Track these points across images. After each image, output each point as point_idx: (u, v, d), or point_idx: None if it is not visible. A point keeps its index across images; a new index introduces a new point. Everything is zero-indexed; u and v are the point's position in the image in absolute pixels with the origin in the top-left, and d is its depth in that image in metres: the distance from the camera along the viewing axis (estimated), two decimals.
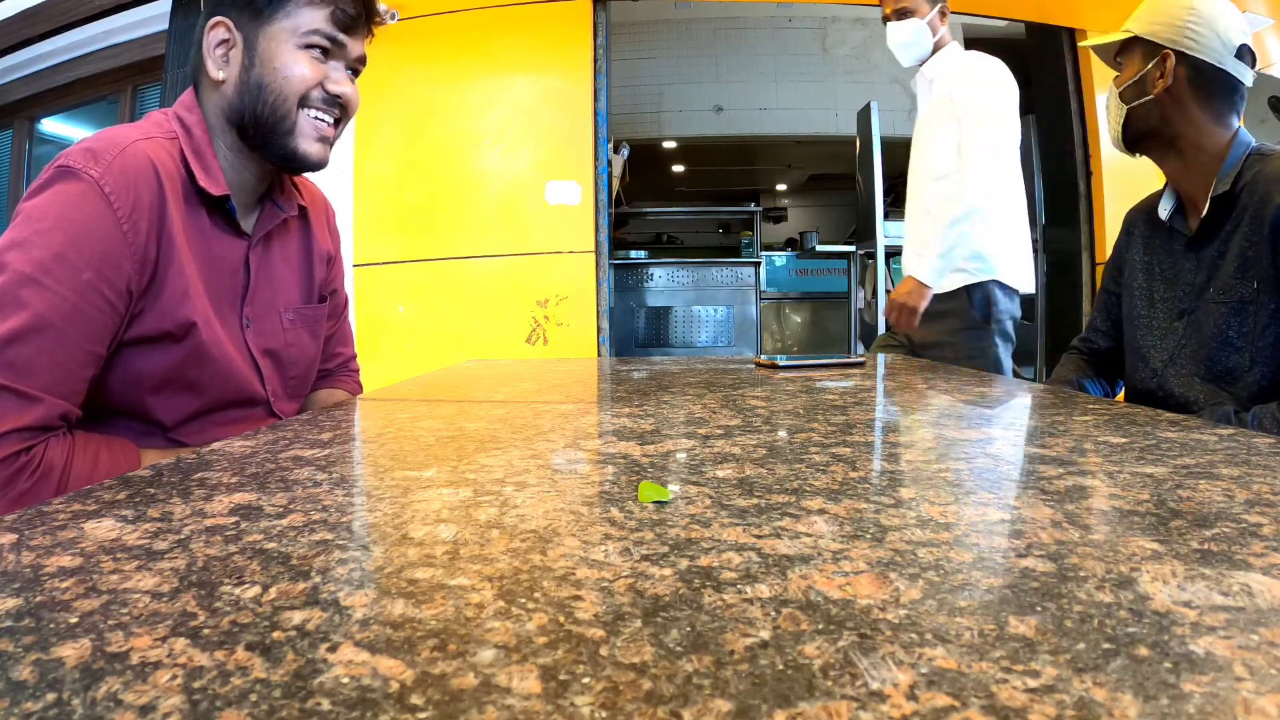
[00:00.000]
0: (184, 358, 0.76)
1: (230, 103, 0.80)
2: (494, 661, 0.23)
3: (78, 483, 0.69)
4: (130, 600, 0.28)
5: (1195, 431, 0.61)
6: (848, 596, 0.28)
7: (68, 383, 0.69)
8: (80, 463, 0.70)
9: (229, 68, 0.80)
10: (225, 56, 0.80)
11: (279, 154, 0.82)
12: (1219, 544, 0.33)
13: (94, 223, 0.69)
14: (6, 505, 0.66)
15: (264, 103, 0.79)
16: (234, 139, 0.82)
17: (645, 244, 7.08)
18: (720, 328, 4.02)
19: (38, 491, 0.67)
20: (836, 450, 0.56)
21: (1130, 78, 1.07)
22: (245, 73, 0.80)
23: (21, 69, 3.72)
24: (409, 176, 3.10)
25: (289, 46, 0.79)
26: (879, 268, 3.26)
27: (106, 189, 0.70)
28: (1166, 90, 1.04)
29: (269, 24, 0.79)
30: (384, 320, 3.11)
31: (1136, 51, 1.07)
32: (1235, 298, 0.98)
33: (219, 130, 0.82)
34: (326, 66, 0.82)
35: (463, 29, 3.06)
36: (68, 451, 0.69)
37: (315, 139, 0.83)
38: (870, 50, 6.41)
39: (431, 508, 0.41)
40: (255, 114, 0.80)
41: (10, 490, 0.65)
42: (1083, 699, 0.20)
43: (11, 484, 0.65)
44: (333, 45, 0.82)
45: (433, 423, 0.72)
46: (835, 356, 1.30)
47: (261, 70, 0.79)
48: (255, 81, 0.79)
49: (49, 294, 0.66)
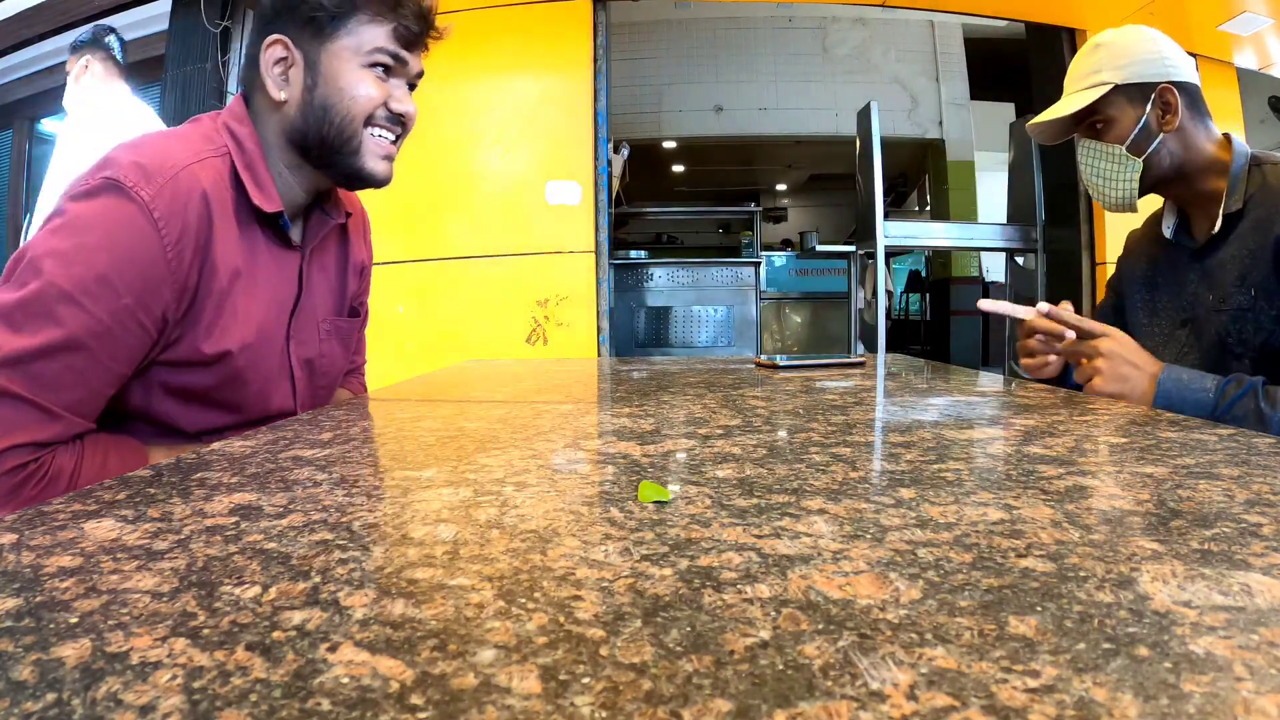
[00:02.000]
0: (219, 381, 0.76)
1: (293, 123, 0.79)
2: (494, 661, 0.23)
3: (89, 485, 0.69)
4: (130, 600, 0.28)
5: (1195, 431, 0.61)
6: (848, 596, 0.28)
7: (90, 403, 0.68)
8: (89, 466, 0.69)
9: (290, 87, 0.79)
10: (285, 76, 0.79)
11: (345, 173, 0.81)
12: (1219, 544, 0.33)
13: (139, 247, 0.68)
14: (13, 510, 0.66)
15: (330, 124, 0.78)
16: (294, 157, 0.81)
17: (645, 244, 7.09)
18: (720, 328, 4.02)
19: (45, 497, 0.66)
20: (836, 450, 0.56)
21: (1131, 128, 1.02)
22: (308, 93, 0.78)
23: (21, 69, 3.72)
24: (409, 176, 3.09)
25: (353, 65, 0.78)
26: (879, 268, 3.26)
27: (156, 214, 0.68)
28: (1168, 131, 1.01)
29: (331, 42, 0.78)
30: (384, 320, 3.11)
31: (1119, 102, 1.02)
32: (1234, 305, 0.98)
33: (277, 147, 0.81)
34: (389, 85, 0.81)
35: (463, 29, 3.04)
36: (76, 457, 0.68)
37: (381, 157, 0.82)
38: (870, 50, 6.42)
39: (431, 508, 0.41)
40: (321, 135, 0.79)
41: (16, 499, 0.65)
42: (1083, 699, 0.20)
43: (16, 493, 0.65)
44: (395, 63, 0.81)
45: (433, 423, 0.72)
46: (835, 356, 1.30)
47: (326, 90, 0.78)
48: (320, 103, 0.78)
49: (85, 315, 0.65)
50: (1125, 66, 1.01)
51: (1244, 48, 3.38)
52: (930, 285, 6.76)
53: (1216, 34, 3.24)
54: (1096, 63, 1.03)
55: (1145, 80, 1.00)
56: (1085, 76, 1.04)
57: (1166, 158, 1.02)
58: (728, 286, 4.04)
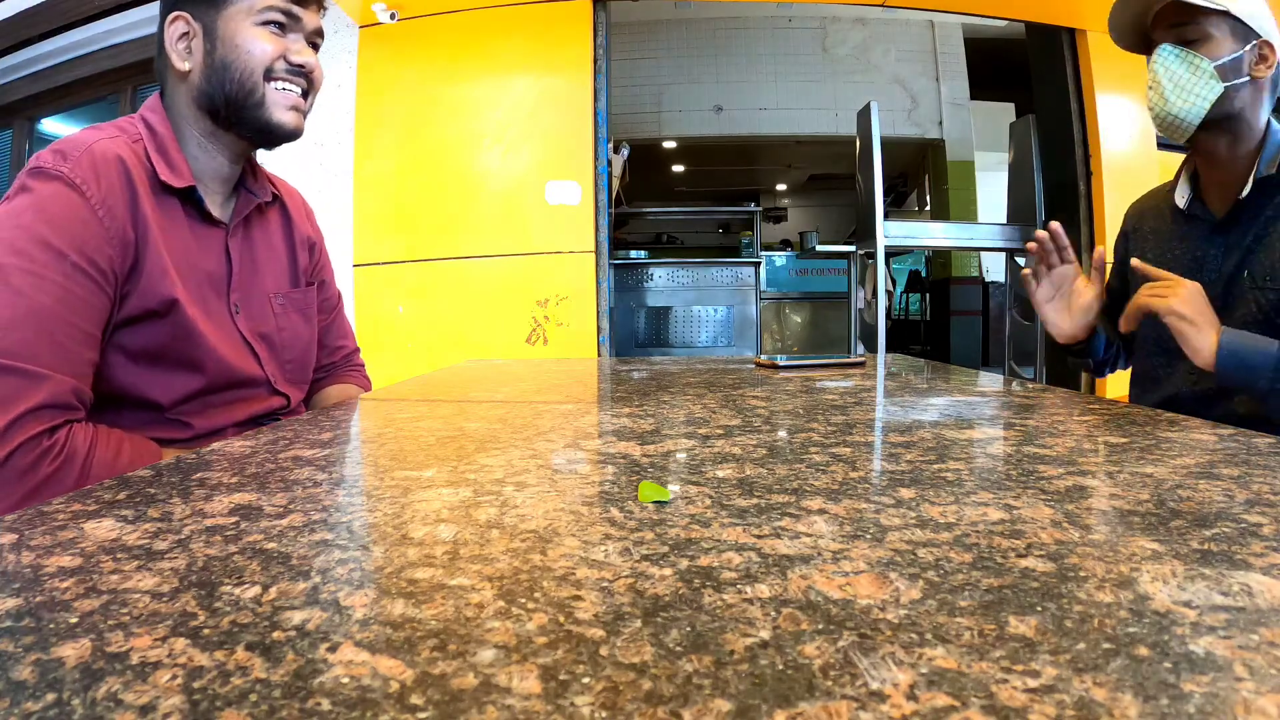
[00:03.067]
0: (173, 335, 0.78)
1: (199, 89, 0.83)
2: (494, 661, 0.23)
3: (100, 471, 0.70)
4: (130, 600, 0.28)
5: (1195, 431, 0.61)
6: (848, 596, 0.28)
7: (69, 361, 0.70)
8: (103, 451, 0.71)
9: (193, 57, 0.83)
10: (188, 48, 0.83)
11: (255, 128, 0.85)
12: (1219, 544, 0.33)
13: (71, 212, 0.72)
14: (31, 491, 0.67)
15: (231, 81, 0.82)
16: (207, 124, 0.85)
17: (645, 244, 7.08)
18: (720, 328, 4.01)
19: (61, 478, 0.68)
20: (836, 450, 0.56)
21: (1225, 54, 0.99)
22: (209, 57, 0.83)
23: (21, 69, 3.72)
24: (409, 176, 3.10)
25: (247, 25, 0.83)
26: (879, 268, 3.26)
27: (77, 180, 0.72)
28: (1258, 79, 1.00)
29: (225, 7, 0.82)
30: (384, 320, 3.11)
31: (1223, 27, 1.00)
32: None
33: (190, 120, 0.85)
34: (286, 40, 0.85)
35: (463, 29, 3.06)
36: (91, 439, 0.70)
37: (287, 108, 0.86)
38: (870, 50, 6.42)
39: (431, 508, 0.41)
40: (225, 94, 0.83)
41: (34, 475, 0.66)
42: (1083, 699, 0.20)
43: (35, 469, 0.66)
44: (288, 19, 0.85)
45: (433, 423, 0.72)
46: (835, 356, 1.30)
47: (224, 51, 0.82)
48: (220, 63, 0.82)
49: (36, 279, 0.68)
50: (1249, 8, 1.00)
51: None
52: (930, 285, 6.76)
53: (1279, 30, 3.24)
54: None
55: (1253, 25, 1.00)
56: None
57: (1239, 102, 1.01)
58: (728, 286, 4.03)
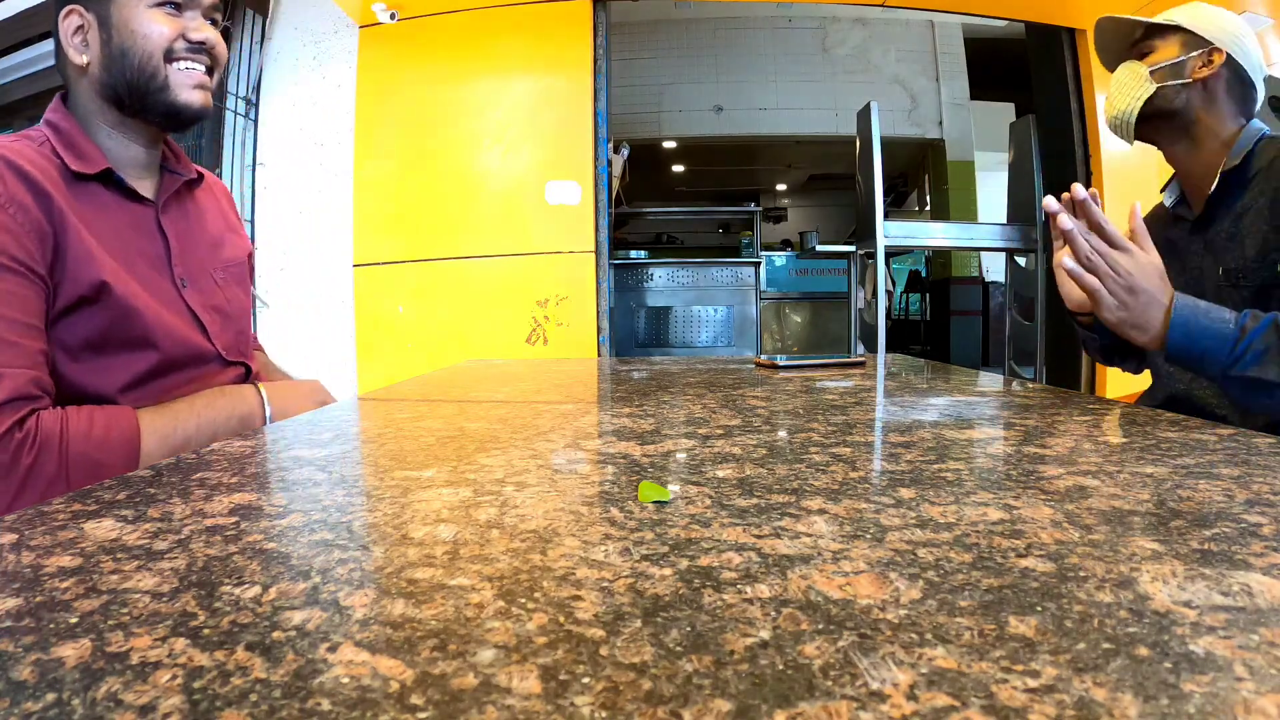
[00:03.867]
0: (111, 320, 0.78)
1: (101, 80, 0.83)
2: (494, 661, 0.23)
3: (80, 446, 0.71)
4: (130, 600, 0.28)
5: (1195, 431, 0.61)
6: (848, 596, 0.28)
7: (20, 355, 0.70)
8: (76, 426, 0.71)
9: (90, 49, 0.83)
10: (84, 41, 0.83)
11: (161, 111, 0.84)
12: (1219, 544, 0.33)
13: None
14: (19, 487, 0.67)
15: (131, 67, 0.82)
16: (114, 114, 0.85)
17: (645, 244, 7.09)
18: (720, 328, 4.01)
19: (42, 465, 0.69)
20: (836, 450, 0.56)
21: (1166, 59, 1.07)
22: (106, 47, 0.82)
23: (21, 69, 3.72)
24: (409, 176, 3.10)
25: (140, 9, 0.82)
26: (879, 268, 3.26)
27: None
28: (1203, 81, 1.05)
29: None
30: (384, 320, 3.11)
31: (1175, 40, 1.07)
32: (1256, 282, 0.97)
33: (96, 112, 0.84)
34: (182, 19, 0.84)
35: (463, 29, 3.06)
36: (61, 419, 0.71)
37: (191, 87, 0.85)
38: (870, 50, 6.42)
39: (431, 508, 0.41)
40: (127, 80, 0.82)
41: (16, 470, 0.67)
42: (1083, 699, 0.20)
43: (15, 463, 0.67)
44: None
45: (433, 423, 0.72)
46: (835, 356, 1.30)
47: (121, 39, 0.82)
48: (118, 51, 0.82)
49: None
50: (1198, 22, 1.06)
51: None
52: (930, 285, 6.76)
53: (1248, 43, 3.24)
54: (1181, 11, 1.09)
55: (1204, 35, 1.05)
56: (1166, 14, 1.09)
57: (1181, 102, 1.06)
58: (728, 286, 4.03)
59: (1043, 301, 3.36)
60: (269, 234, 3.25)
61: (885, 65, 6.40)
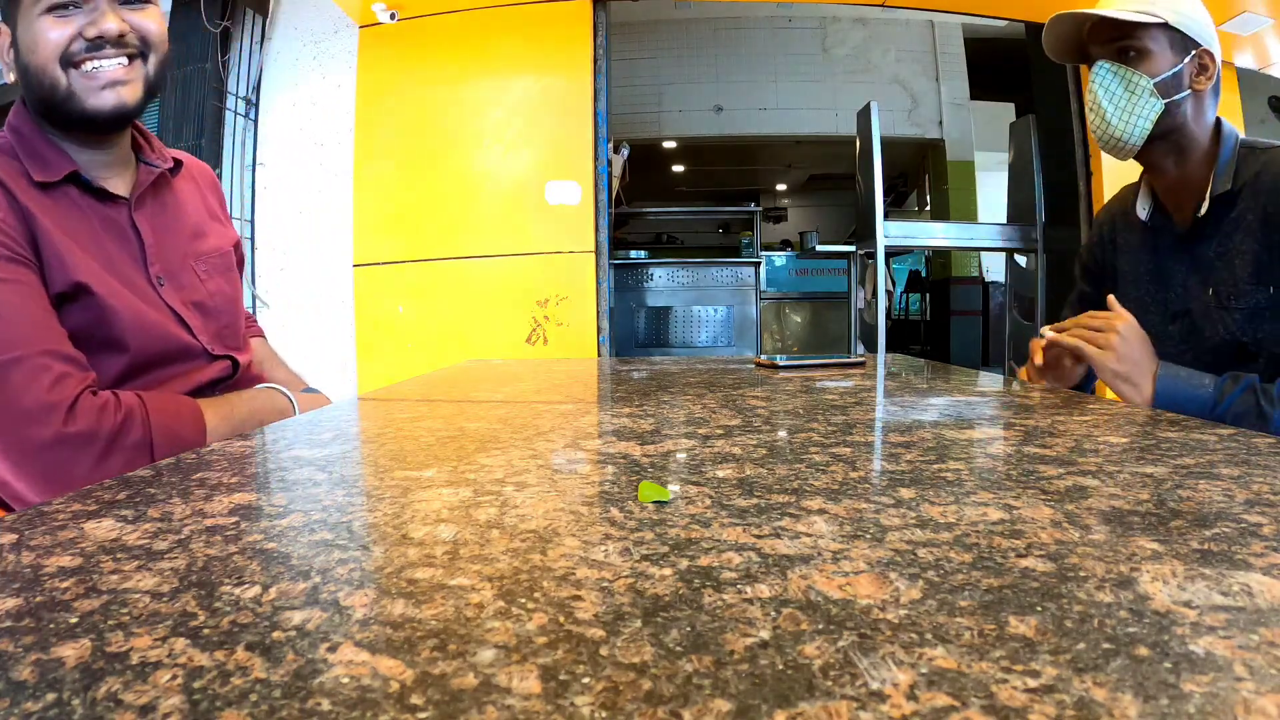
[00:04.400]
0: (90, 319, 0.78)
1: (26, 95, 0.81)
2: (494, 661, 0.23)
3: (158, 414, 0.75)
4: (130, 600, 0.28)
5: (1195, 431, 0.61)
6: (848, 596, 0.28)
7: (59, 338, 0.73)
8: (147, 395, 0.75)
9: (16, 65, 0.81)
10: (11, 57, 0.81)
11: (75, 121, 0.80)
12: (1219, 544, 0.33)
13: None
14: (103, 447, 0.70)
15: (37, 84, 0.79)
16: (47, 125, 0.82)
17: (645, 244, 7.08)
18: (720, 328, 4.01)
19: (128, 428, 0.72)
20: (836, 450, 0.56)
21: (1165, 69, 0.97)
22: (19, 64, 0.80)
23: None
24: (409, 176, 3.10)
25: (32, 19, 0.78)
26: (879, 268, 3.26)
27: None
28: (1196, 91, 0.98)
29: (18, 7, 0.78)
30: (384, 320, 3.11)
31: (1162, 39, 0.97)
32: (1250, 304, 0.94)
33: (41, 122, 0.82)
34: (74, 19, 0.77)
35: (463, 29, 3.06)
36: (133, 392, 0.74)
37: (99, 88, 0.78)
38: (870, 50, 6.41)
39: (431, 508, 0.41)
40: (37, 97, 0.80)
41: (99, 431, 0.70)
42: (1083, 699, 0.20)
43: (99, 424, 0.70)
44: None
45: (433, 423, 0.72)
46: (835, 356, 1.30)
47: (24, 55, 0.79)
48: (23, 68, 0.79)
49: None
50: (1181, 13, 0.97)
51: (1244, 48, 3.38)
52: (930, 285, 6.76)
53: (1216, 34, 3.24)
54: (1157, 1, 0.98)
55: (1191, 35, 0.97)
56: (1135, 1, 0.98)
57: (1182, 117, 0.98)
58: (728, 286, 4.04)
59: (1043, 301, 3.36)
60: (269, 234, 3.25)
61: (885, 65, 6.40)
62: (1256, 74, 3.60)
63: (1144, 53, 0.98)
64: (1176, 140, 1.00)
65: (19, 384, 0.68)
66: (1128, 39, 0.98)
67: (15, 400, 0.68)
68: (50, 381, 0.69)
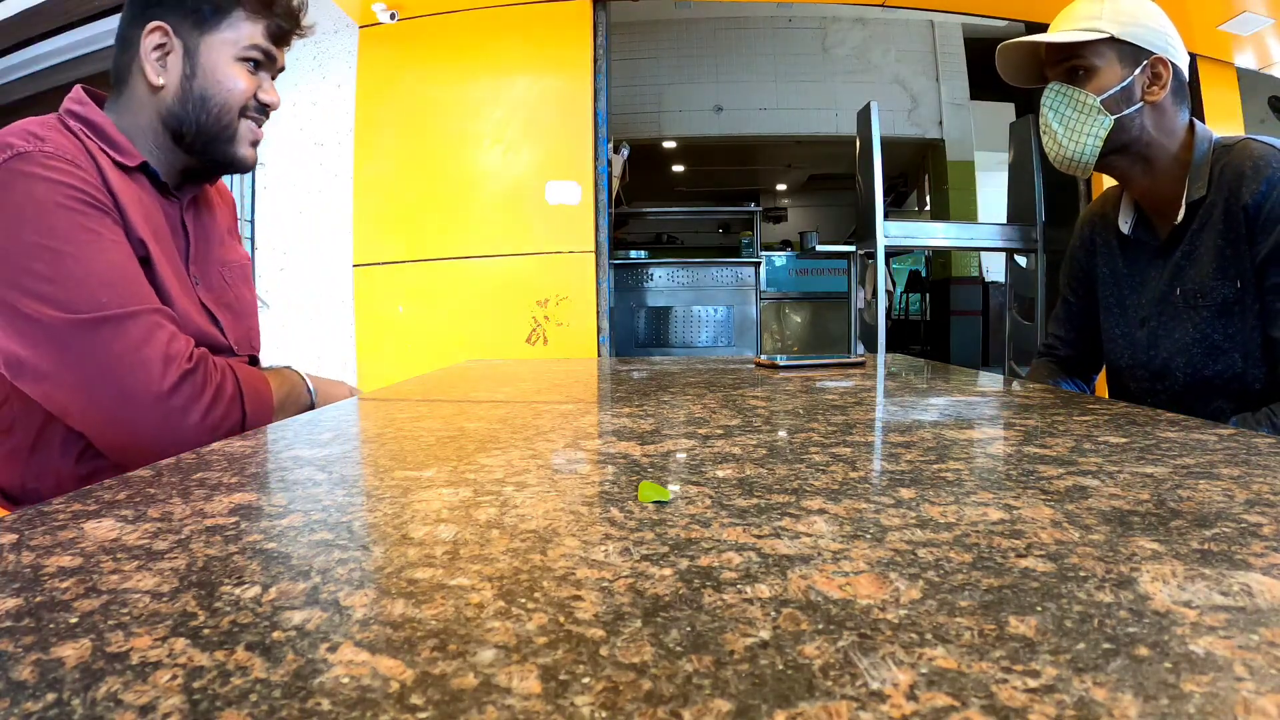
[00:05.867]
0: None
1: (170, 109, 0.83)
2: (494, 661, 0.23)
3: (245, 376, 0.79)
4: (130, 600, 0.28)
5: (1195, 431, 0.61)
6: (848, 596, 0.28)
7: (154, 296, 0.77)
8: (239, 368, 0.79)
9: (168, 74, 0.83)
10: (163, 62, 0.82)
11: (220, 159, 0.87)
12: (1219, 544, 0.33)
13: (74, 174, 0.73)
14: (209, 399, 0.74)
15: (209, 113, 0.83)
16: (166, 141, 0.85)
17: (645, 244, 7.09)
18: (720, 328, 4.01)
19: (225, 384, 0.76)
20: (836, 450, 0.56)
21: (1113, 84, 0.95)
22: (187, 81, 0.83)
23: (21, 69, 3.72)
24: (409, 176, 3.10)
25: (228, 58, 0.83)
26: (879, 268, 3.26)
27: (60, 151, 0.74)
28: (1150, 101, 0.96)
29: (211, 34, 0.82)
30: (384, 320, 3.11)
31: (1108, 54, 0.96)
32: (1217, 300, 0.93)
33: (150, 131, 0.84)
34: (259, 77, 0.86)
35: (463, 29, 3.05)
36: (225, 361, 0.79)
37: (251, 143, 0.88)
38: (870, 50, 6.42)
39: (431, 508, 0.41)
40: (198, 122, 0.83)
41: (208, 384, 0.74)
42: (1083, 699, 0.20)
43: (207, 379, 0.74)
44: (265, 58, 0.86)
45: (433, 423, 0.72)
46: (835, 356, 1.30)
47: (204, 81, 0.83)
48: (199, 92, 0.83)
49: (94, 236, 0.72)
50: (1127, 24, 0.95)
51: (1244, 48, 3.38)
52: (930, 285, 6.76)
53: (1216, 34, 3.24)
54: (1098, 10, 0.97)
55: (1141, 44, 0.95)
56: (1081, 19, 0.98)
57: (1138, 129, 0.97)
58: (728, 286, 4.04)
59: (1043, 301, 3.36)
60: (269, 234, 3.25)
61: (885, 65, 6.40)
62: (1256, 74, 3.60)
63: (1092, 70, 0.97)
64: (1139, 152, 0.99)
65: (138, 337, 0.71)
66: (1076, 58, 0.98)
67: (135, 351, 0.71)
68: (167, 337, 0.73)
